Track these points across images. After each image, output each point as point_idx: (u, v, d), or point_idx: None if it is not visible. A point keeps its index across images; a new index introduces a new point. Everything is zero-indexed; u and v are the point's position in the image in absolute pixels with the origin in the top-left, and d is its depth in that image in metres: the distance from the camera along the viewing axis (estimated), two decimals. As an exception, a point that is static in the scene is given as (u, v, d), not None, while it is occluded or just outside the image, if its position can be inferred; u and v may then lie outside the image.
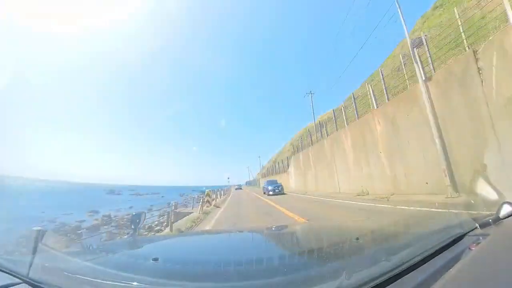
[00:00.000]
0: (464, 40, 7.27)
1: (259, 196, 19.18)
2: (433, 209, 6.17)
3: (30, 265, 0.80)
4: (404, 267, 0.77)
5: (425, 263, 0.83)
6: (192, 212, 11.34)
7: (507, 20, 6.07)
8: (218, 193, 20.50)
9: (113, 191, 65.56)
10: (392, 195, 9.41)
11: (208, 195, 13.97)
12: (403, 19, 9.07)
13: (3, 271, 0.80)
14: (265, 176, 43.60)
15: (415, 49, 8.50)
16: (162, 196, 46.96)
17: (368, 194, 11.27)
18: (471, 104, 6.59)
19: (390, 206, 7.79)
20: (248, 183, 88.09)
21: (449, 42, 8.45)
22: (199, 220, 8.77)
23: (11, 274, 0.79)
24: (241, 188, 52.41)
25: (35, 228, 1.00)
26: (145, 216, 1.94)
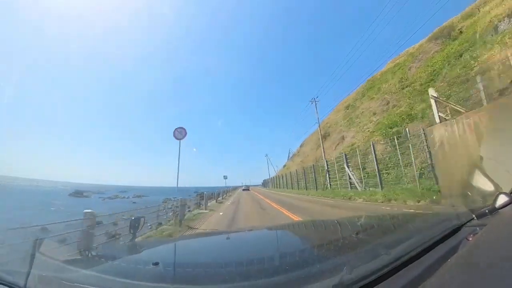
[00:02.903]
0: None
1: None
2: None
3: (27, 276, 0.78)
4: (403, 259, 0.78)
5: (424, 255, 0.83)
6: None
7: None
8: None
9: (80, 192, 53.23)
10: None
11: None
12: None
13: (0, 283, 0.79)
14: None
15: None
16: (134, 202, 36.98)
17: None
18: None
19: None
20: (265, 184, 59.17)
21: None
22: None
23: (8, 286, 0.77)
24: (248, 189, 43.06)
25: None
26: (144, 221, 1.92)
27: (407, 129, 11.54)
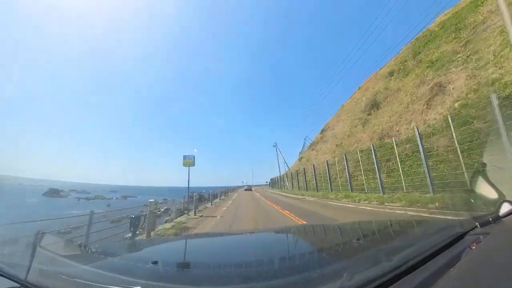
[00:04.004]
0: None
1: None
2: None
3: (29, 269, 0.79)
4: (405, 267, 0.77)
5: (426, 263, 0.82)
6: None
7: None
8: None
9: (56, 191, 52.42)
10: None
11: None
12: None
13: (1, 275, 0.79)
14: None
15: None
16: (108, 205, 33.31)
17: None
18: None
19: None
20: (273, 184, 45.88)
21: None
22: None
23: (9, 278, 0.78)
24: (250, 189, 37.91)
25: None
26: (144, 219, 1.93)
27: None
